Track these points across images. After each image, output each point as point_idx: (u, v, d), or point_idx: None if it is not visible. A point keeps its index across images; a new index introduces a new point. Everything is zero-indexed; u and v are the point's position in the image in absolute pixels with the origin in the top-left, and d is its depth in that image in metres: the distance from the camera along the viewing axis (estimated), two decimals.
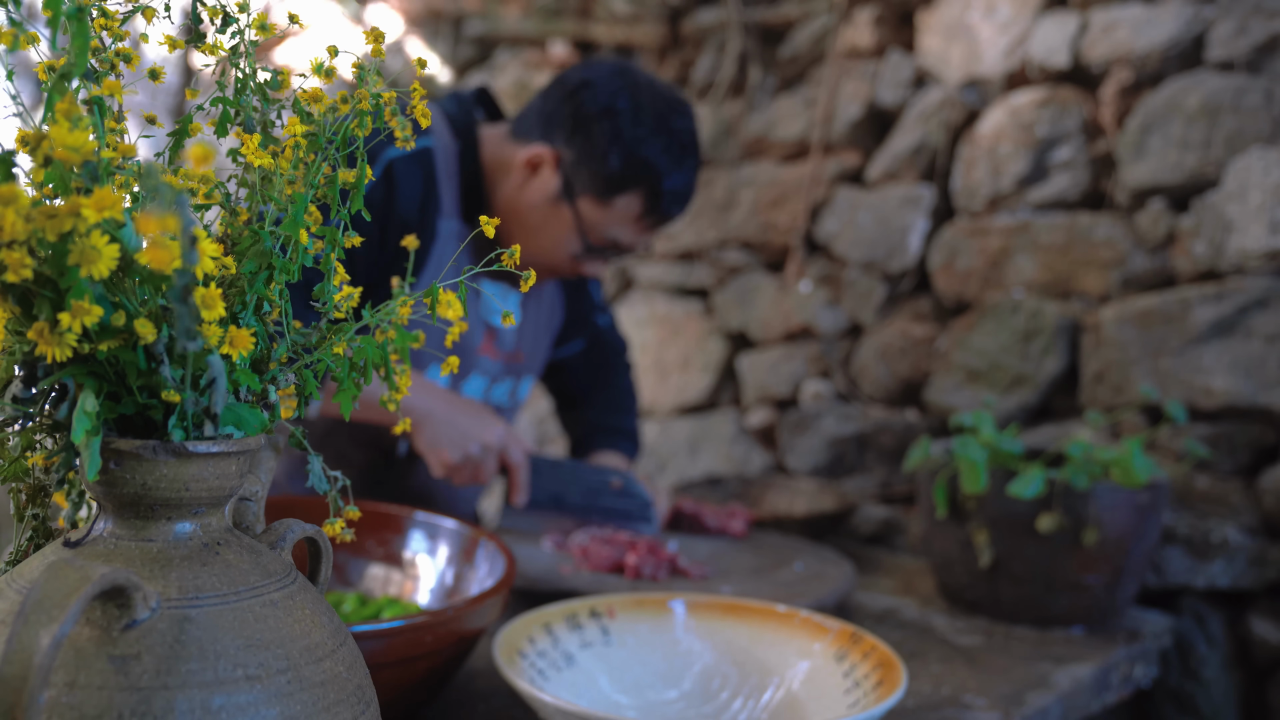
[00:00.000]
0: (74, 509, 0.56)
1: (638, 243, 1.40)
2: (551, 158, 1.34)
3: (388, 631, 0.79)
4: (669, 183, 1.33)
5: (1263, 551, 1.52)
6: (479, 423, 1.33)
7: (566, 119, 1.34)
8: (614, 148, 1.31)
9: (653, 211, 1.35)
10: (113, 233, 0.48)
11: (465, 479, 1.35)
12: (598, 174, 1.33)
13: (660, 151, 1.32)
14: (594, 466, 1.47)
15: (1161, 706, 1.54)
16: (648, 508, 1.43)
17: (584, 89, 1.34)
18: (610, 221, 1.36)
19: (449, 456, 1.31)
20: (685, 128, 1.35)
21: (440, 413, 1.32)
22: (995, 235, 1.84)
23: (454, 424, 1.32)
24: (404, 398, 1.29)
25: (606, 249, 1.39)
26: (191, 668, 0.48)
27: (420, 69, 0.64)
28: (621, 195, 1.34)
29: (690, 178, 1.37)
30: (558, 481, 1.42)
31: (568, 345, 1.65)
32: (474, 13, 2.67)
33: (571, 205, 1.35)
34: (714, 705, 0.96)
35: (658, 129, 1.32)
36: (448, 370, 0.63)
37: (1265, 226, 1.54)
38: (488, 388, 1.50)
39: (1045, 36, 1.79)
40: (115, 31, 0.57)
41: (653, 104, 1.33)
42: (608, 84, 1.33)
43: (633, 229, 1.37)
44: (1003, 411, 1.79)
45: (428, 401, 1.32)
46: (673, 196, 1.35)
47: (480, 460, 1.33)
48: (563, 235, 1.37)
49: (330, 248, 0.61)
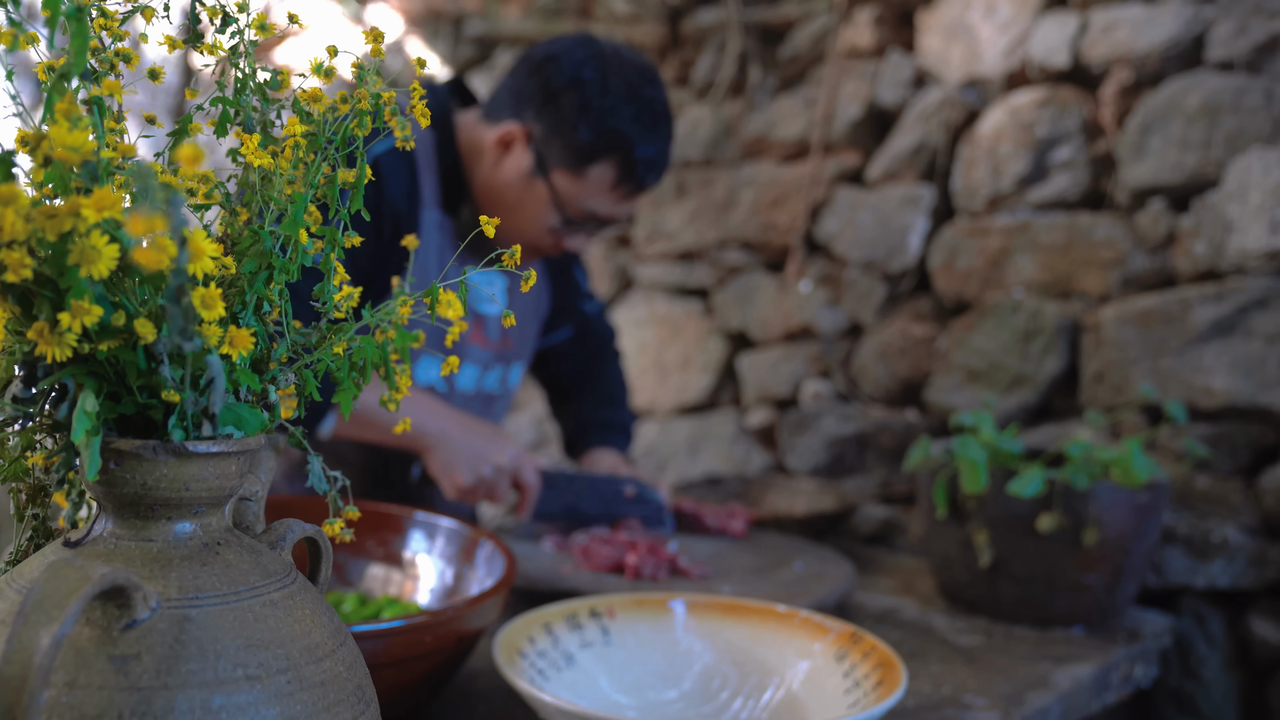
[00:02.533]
0: (74, 509, 0.56)
1: (617, 213, 1.40)
2: (522, 134, 1.34)
3: (388, 631, 0.79)
4: (641, 151, 1.33)
5: (1263, 551, 1.52)
6: (492, 444, 1.34)
7: (535, 94, 1.34)
8: (583, 118, 1.31)
9: (627, 180, 1.35)
10: (113, 233, 0.48)
11: (478, 499, 1.36)
12: (568, 146, 1.32)
13: (630, 120, 1.32)
14: (607, 477, 1.48)
15: (1161, 706, 1.54)
16: (662, 511, 1.45)
17: (550, 62, 1.34)
18: (585, 193, 1.35)
19: (462, 479, 1.32)
20: (655, 95, 1.35)
21: (453, 435, 1.32)
22: (995, 235, 1.84)
23: (468, 446, 1.33)
24: (417, 420, 1.32)
25: (586, 221, 1.39)
26: (191, 668, 0.48)
27: (420, 69, 0.64)
28: (594, 165, 1.33)
29: (663, 146, 1.36)
30: (573, 494, 1.44)
31: (556, 332, 1.65)
32: (474, 13, 2.67)
33: (545, 179, 1.34)
34: (714, 705, 0.96)
35: (627, 97, 1.31)
36: (448, 370, 0.63)
37: (1265, 226, 1.54)
38: (480, 376, 1.51)
39: (1045, 36, 1.79)
40: (115, 31, 0.57)
41: (621, 72, 1.32)
42: (573, 55, 1.33)
43: (609, 199, 1.37)
44: (1003, 411, 1.78)
45: (440, 424, 1.32)
46: (646, 165, 1.35)
47: (494, 482, 1.34)
48: (540, 210, 1.37)
49: (330, 248, 0.61)
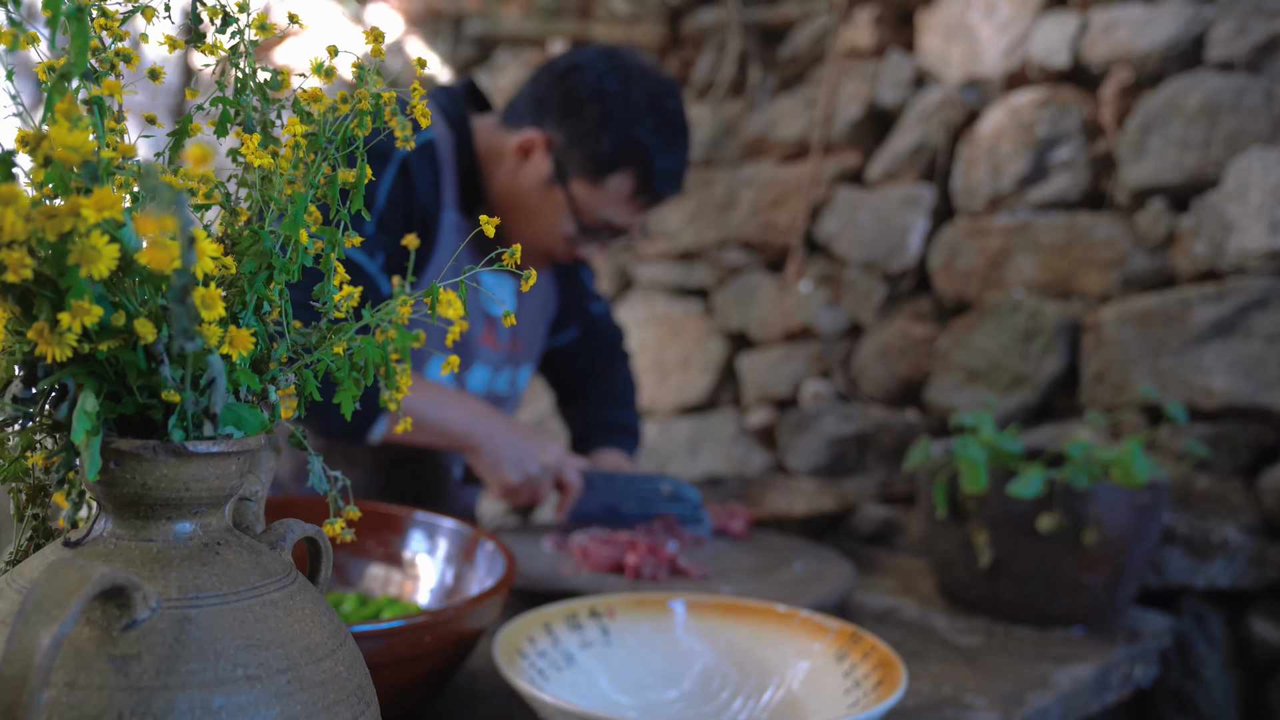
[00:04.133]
0: (74, 509, 0.56)
1: (632, 223, 1.42)
2: (543, 141, 1.36)
3: (388, 631, 0.79)
4: (660, 163, 1.35)
5: (1263, 551, 1.52)
6: (537, 444, 1.37)
7: (557, 102, 1.35)
8: (605, 129, 1.33)
9: (645, 191, 1.37)
10: (113, 233, 0.48)
11: (523, 499, 1.38)
12: (589, 155, 1.34)
13: (651, 132, 1.34)
14: (645, 475, 1.50)
15: (1161, 706, 1.54)
16: (699, 509, 1.46)
17: (573, 72, 1.36)
18: (603, 202, 1.37)
19: (510, 478, 1.34)
20: (675, 108, 1.37)
21: (501, 435, 1.34)
22: (995, 235, 1.84)
23: (514, 445, 1.35)
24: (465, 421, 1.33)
25: (601, 230, 1.41)
26: (191, 668, 0.48)
27: (420, 69, 0.64)
28: (613, 175, 1.35)
29: (681, 157, 1.39)
30: (612, 494, 1.46)
31: (563, 333, 1.66)
32: (474, 13, 2.67)
33: (564, 187, 1.36)
34: (714, 705, 0.96)
35: (648, 109, 1.34)
36: (448, 370, 0.63)
37: (1265, 226, 1.54)
38: (491, 378, 1.51)
39: (1045, 36, 1.79)
40: (115, 31, 0.57)
41: (642, 85, 1.35)
42: (596, 66, 1.35)
43: (626, 209, 1.39)
44: (1003, 411, 1.78)
45: (487, 426, 1.34)
46: (664, 176, 1.37)
47: (539, 480, 1.36)
48: (557, 218, 1.38)
49: (330, 248, 0.61)
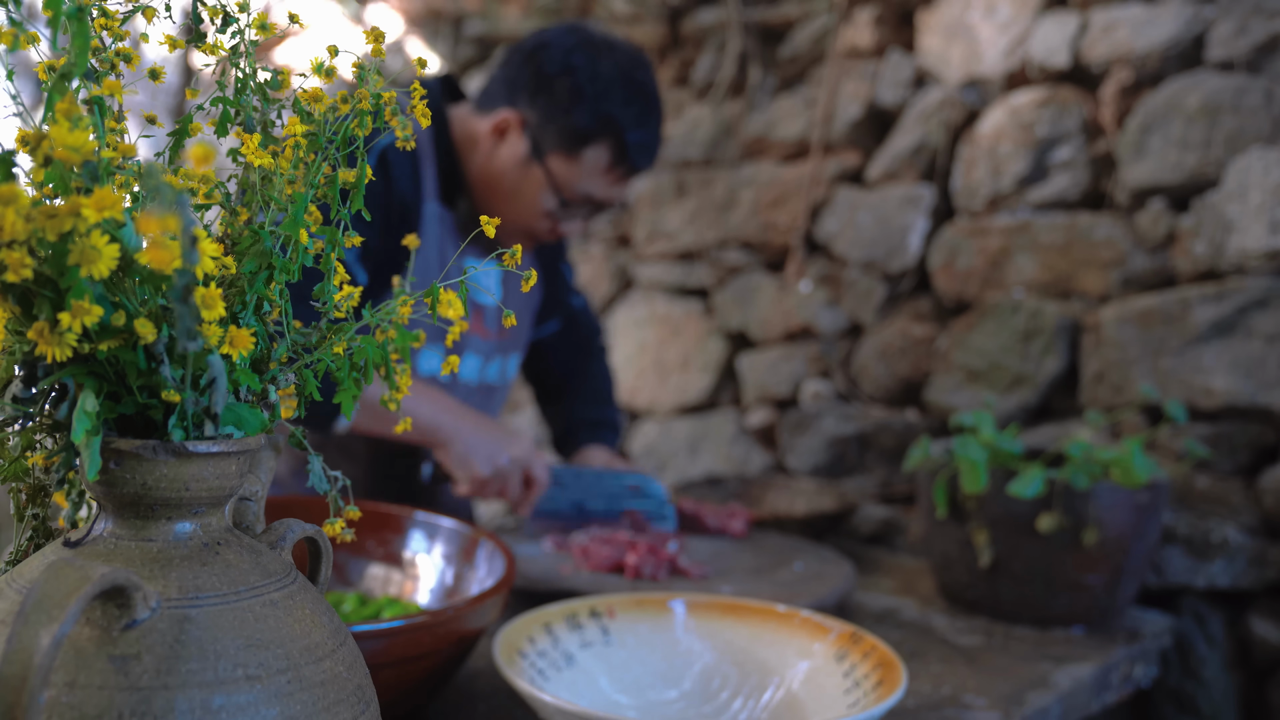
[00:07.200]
0: (74, 509, 0.56)
1: (612, 195, 1.43)
2: (517, 121, 1.38)
3: (388, 631, 0.79)
4: (632, 134, 1.37)
5: (1263, 551, 1.52)
6: (507, 438, 1.37)
7: (528, 81, 1.38)
8: (577, 102, 1.35)
9: (621, 162, 1.39)
10: (113, 233, 0.48)
11: (491, 493, 1.37)
12: (563, 129, 1.36)
13: (622, 103, 1.36)
14: (613, 472, 1.51)
15: (1161, 706, 1.54)
16: (664, 505, 1.47)
17: (541, 50, 1.38)
18: (581, 175, 1.39)
19: (479, 471, 1.34)
20: (645, 79, 1.39)
21: (469, 429, 1.34)
22: (995, 235, 1.84)
23: (485, 439, 1.35)
24: (432, 415, 1.33)
25: (582, 205, 1.43)
26: (191, 667, 0.48)
27: (420, 69, 0.64)
28: (588, 148, 1.37)
29: (655, 129, 1.41)
30: (580, 490, 1.47)
31: (545, 325, 1.68)
32: (474, 13, 2.67)
33: (541, 164, 1.38)
34: (714, 705, 0.96)
35: (618, 82, 1.36)
36: (449, 370, 0.64)
37: (1265, 226, 1.54)
38: (482, 367, 1.52)
39: (1045, 36, 1.79)
40: (115, 31, 0.57)
41: (611, 57, 1.37)
42: (563, 42, 1.38)
43: (604, 181, 1.41)
44: (1003, 411, 1.78)
45: (455, 420, 1.34)
46: (639, 148, 1.39)
47: (509, 474, 1.36)
48: (537, 195, 1.40)
49: (330, 248, 0.61)
